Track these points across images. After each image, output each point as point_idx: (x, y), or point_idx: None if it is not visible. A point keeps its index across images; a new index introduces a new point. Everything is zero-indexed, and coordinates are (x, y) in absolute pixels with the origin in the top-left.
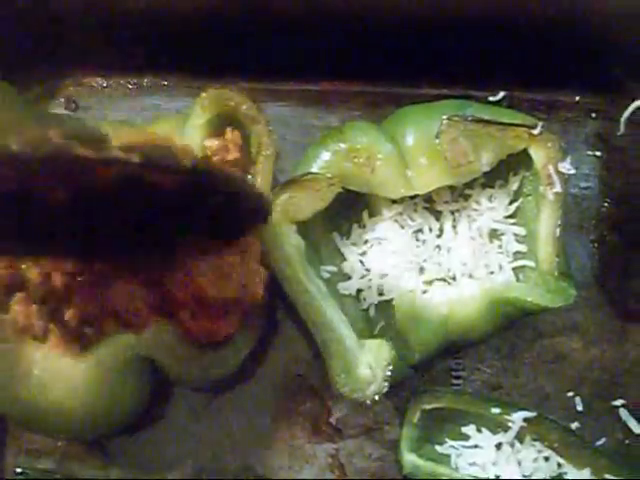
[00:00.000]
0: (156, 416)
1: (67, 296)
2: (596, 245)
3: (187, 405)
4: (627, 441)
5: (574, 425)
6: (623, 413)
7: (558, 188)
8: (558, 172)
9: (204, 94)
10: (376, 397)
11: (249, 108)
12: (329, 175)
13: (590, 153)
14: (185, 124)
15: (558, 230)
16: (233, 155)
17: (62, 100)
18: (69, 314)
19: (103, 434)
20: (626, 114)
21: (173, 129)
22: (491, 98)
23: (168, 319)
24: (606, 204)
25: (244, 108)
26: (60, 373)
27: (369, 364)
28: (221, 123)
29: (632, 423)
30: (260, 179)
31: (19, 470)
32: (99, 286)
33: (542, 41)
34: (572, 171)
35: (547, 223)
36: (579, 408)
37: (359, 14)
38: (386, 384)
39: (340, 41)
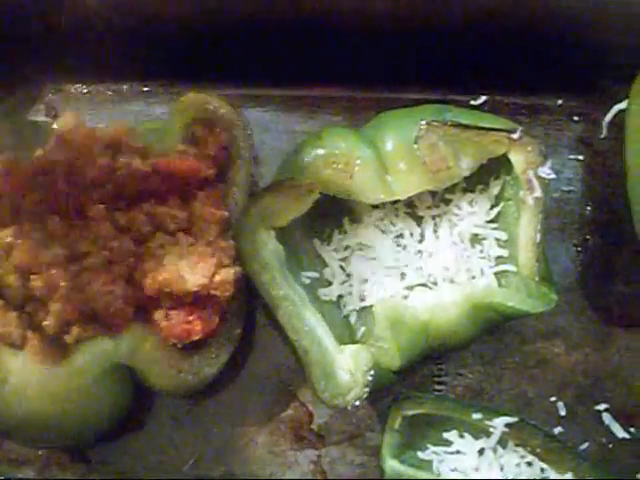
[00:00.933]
0: (137, 424)
1: (45, 302)
2: (578, 249)
3: (168, 412)
4: (610, 445)
5: (557, 430)
6: (606, 417)
7: (538, 193)
8: (538, 177)
9: (182, 98)
10: (357, 403)
11: (228, 112)
12: (308, 181)
13: (572, 157)
14: (164, 128)
15: (538, 235)
16: (210, 157)
17: (42, 107)
18: (47, 320)
19: (83, 442)
20: (608, 117)
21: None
22: (472, 102)
23: (145, 324)
24: (588, 207)
25: (222, 112)
26: (37, 381)
27: (349, 370)
28: (200, 127)
29: (615, 427)
30: (237, 182)
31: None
32: (78, 288)
33: (523, 44)
34: (552, 176)
35: (527, 228)
36: (562, 413)
37: (339, 19)
38: (367, 390)
39: (321, 46)
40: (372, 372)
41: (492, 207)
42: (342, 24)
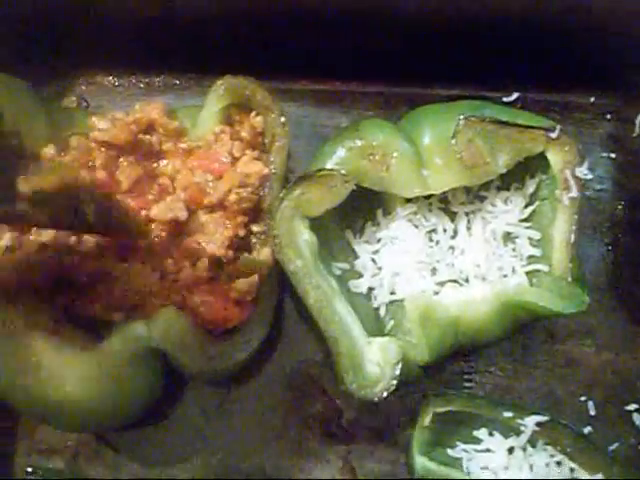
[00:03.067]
0: (166, 415)
1: (78, 288)
2: (610, 248)
3: (198, 405)
4: None
5: (586, 430)
6: (637, 418)
7: (574, 193)
8: (575, 176)
9: (219, 81)
10: (384, 395)
11: (264, 97)
12: (343, 172)
13: (604, 155)
14: (200, 112)
15: (573, 236)
16: (244, 140)
17: (74, 99)
18: (80, 307)
19: (113, 427)
20: None
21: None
22: (505, 99)
23: (179, 308)
24: (620, 206)
25: (259, 97)
26: (70, 365)
27: (377, 362)
28: (235, 111)
29: None
30: (274, 168)
31: (30, 469)
32: (111, 274)
33: (556, 42)
34: (589, 176)
35: (562, 228)
36: (592, 412)
37: (373, 14)
38: (394, 383)
39: (354, 41)
40: (400, 365)
41: (526, 206)
42: (376, 20)
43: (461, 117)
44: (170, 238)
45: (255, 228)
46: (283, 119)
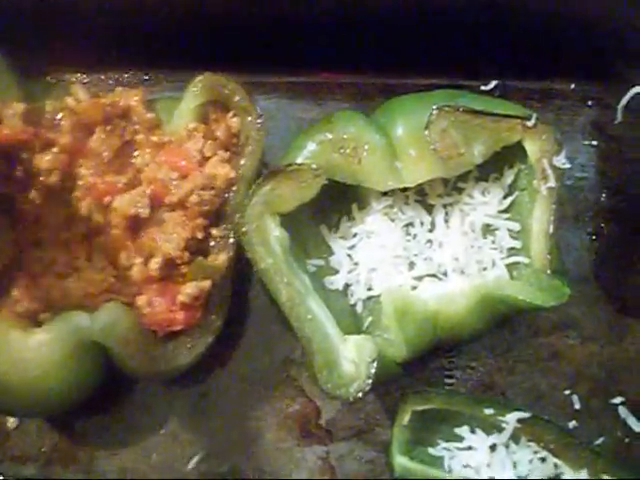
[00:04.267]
0: (142, 420)
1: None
2: (593, 238)
3: (173, 409)
4: (627, 439)
5: (572, 424)
6: (622, 411)
7: (552, 183)
8: (552, 166)
9: (199, 78)
10: (359, 395)
11: (242, 98)
12: (314, 166)
13: (586, 143)
14: (175, 107)
15: (551, 226)
16: (218, 140)
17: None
18: (17, 293)
19: (48, 412)
20: (623, 101)
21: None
22: (483, 87)
23: (126, 304)
24: (603, 195)
25: (237, 98)
26: (8, 345)
27: (353, 360)
28: (212, 109)
29: (632, 421)
30: (243, 171)
31: (1, 478)
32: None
33: (534, 27)
34: (567, 165)
35: (540, 219)
36: (577, 406)
37: (346, 4)
38: (370, 382)
39: (328, 32)
40: (376, 363)
41: (505, 197)
42: (349, 9)
43: (434, 107)
44: (126, 232)
45: (215, 232)
46: (260, 122)
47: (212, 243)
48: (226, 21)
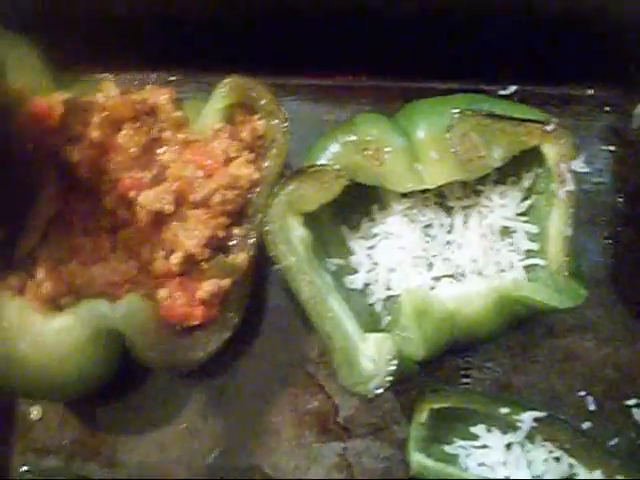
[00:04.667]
0: (163, 414)
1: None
2: (609, 242)
3: (193, 404)
4: None
5: (586, 425)
6: (636, 413)
7: (570, 187)
8: (571, 170)
9: (226, 80)
10: (379, 392)
11: (268, 102)
12: (337, 167)
13: (603, 148)
14: (203, 108)
15: (569, 229)
16: (243, 141)
17: None
18: (41, 275)
19: (63, 397)
20: None
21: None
22: (502, 92)
23: (146, 296)
24: (620, 199)
25: (263, 101)
26: (30, 327)
27: (372, 358)
28: (239, 111)
29: None
30: (267, 173)
31: (25, 468)
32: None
33: (553, 34)
34: (585, 169)
35: (558, 222)
36: (591, 408)
37: (368, 7)
38: (389, 379)
39: (350, 35)
40: (395, 361)
41: (523, 200)
42: (371, 13)
43: (456, 111)
44: (150, 226)
45: (236, 231)
46: (285, 126)
47: (233, 242)
48: (251, 23)
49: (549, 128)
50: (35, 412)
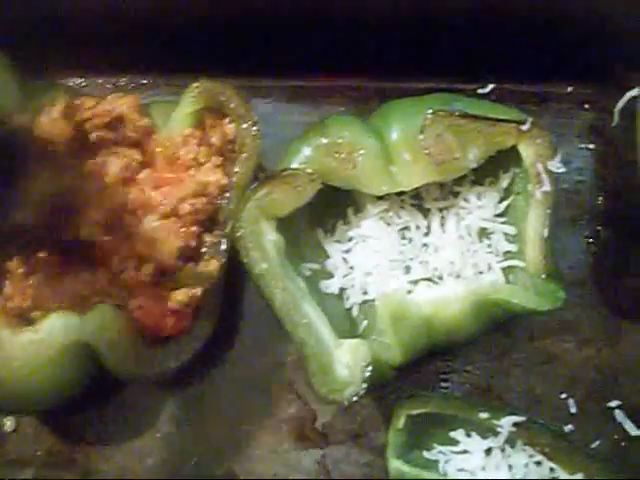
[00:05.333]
0: (138, 423)
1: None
2: (590, 241)
3: (168, 412)
4: (623, 443)
5: (567, 428)
6: (618, 414)
7: (547, 187)
8: (547, 170)
9: (196, 84)
10: (354, 399)
11: (239, 105)
12: (309, 171)
13: (583, 146)
14: (172, 112)
15: (546, 231)
16: (213, 146)
17: None
18: (8, 290)
19: (35, 410)
20: (620, 104)
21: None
22: (480, 90)
23: (117, 307)
24: (600, 198)
25: (234, 105)
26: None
27: (347, 365)
28: (209, 115)
29: (628, 424)
30: (237, 178)
31: None
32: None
33: (531, 30)
34: (562, 169)
35: (535, 223)
36: (573, 410)
37: (342, 7)
38: (364, 386)
39: (323, 36)
40: (370, 368)
41: (501, 200)
42: (345, 12)
43: (429, 111)
44: (120, 236)
45: (207, 238)
46: (255, 129)
47: (204, 249)
48: (223, 24)
49: (525, 128)
50: (9, 423)
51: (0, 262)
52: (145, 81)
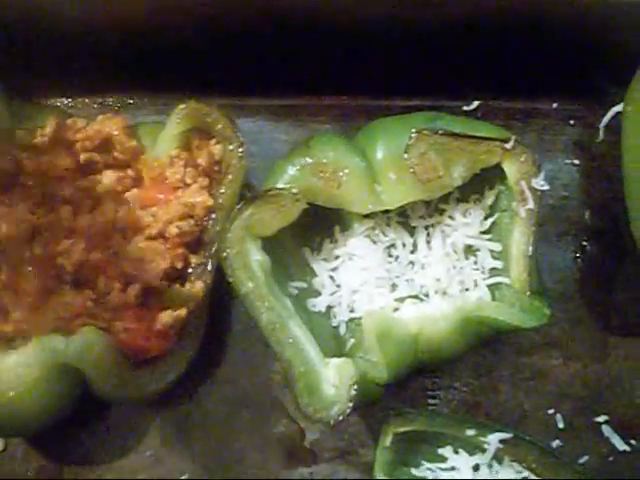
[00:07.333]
0: (125, 443)
1: None
2: (576, 256)
3: (156, 431)
4: (611, 458)
5: (555, 443)
6: (606, 429)
7: (530, 205)
8: (531, 188)
9: (182, 106)
10: (340, 418)
11: (225, 127)
12: (294, 190)
13: (568, 161)
14: (159, 132)
15: (530, 248)
16: (199, 167)
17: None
18: None
19: (22, 433)
20: (605, 120)
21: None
22: (465, 107)
23: (102, 329)
24: (586, 213)
25: (220, 126)
26: None
27: (334, 384)
28: (195, 137)
29: (616, 439)
30: (223, 200)
31: None
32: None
33: (516, 48)
34: (546, 187)
35: (519, 241)
36: (560, 425)
37: (327, 27)
38: (350, 405)
39: (308, 55)
40: (356, 387)
41: (486, 217)
42: (330, 31)
43: (413, 131)
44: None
45: (193, 259)
46: (241, 151)
47: (189, 270)
48: (209, 44)
49: (508, 146)
50: None
51: None
52: (131, 101)
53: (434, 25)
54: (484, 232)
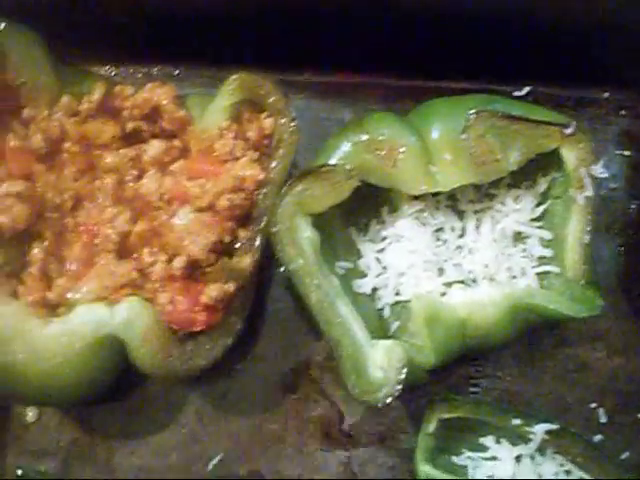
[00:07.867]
0: (163, 420)
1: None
2: (623, 250)
3: (193, 408)
4: None
5: (597, 438)
6: None
7: (589, 192)
8: (590, 175)
9: (234, 77)
10: (388, 401)
11: (277, 100)
12: (348, 167)
13: (618, 152)
14: (209, 104)
15: (587, 236)
16: (250, 140)
17: None
18: (32, 282)
19: (62, 403)
20: None
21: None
22: (515, 93)
23: (147, 300)
24: (633, 206)
25: (272, 99)
26: (26, 332)
27: (382, 366)
28: (246, 109)
29: None
30: (274, 174)
31: (20, 472)
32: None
33: (569, 34)
34: (605, 174)
35: (576, 228)
36: (602, 420)
37: (378, 4)
38: (399, 388)
39: (358, 32)
40: (405, 370)
41: (538, 205)
42: (382, 11)
43: (472, 111)
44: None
45: (242, 234)
46: (293, 125)
47: (238, 244)
48: (258, 17)
49: (568, 131)
50: (31, 414)
51: (22, 254)
52: (177, 72)
53: (487, 8)
54: (534, 219)
